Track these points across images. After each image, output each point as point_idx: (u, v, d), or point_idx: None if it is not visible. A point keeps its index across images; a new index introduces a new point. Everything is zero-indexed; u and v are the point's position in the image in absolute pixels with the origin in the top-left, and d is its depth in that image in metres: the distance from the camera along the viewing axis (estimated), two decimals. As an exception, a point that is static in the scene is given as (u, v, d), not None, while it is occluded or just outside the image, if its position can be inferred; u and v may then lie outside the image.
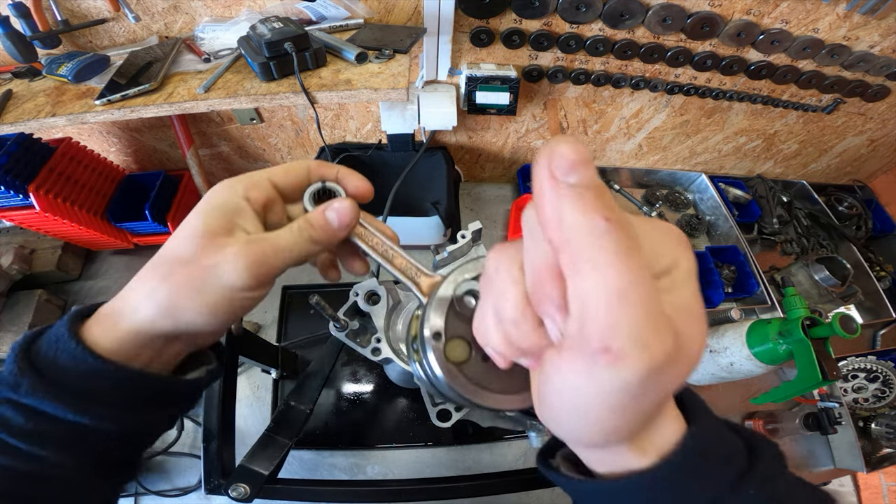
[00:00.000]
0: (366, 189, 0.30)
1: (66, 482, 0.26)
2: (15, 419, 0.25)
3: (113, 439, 0.27)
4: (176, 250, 0.26)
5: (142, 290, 0.26)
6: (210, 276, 0.24)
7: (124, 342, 0.26)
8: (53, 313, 0.90)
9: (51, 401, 0.24)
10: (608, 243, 0.16)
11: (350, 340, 0.44)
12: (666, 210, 1.19)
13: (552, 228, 0.17)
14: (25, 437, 0.25)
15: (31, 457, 0.25)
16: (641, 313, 0.16)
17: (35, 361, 0.25)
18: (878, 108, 0.99)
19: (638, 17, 0.75)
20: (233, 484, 0.40)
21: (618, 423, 0.19)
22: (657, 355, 0.16)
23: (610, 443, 0.21)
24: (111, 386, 0.26)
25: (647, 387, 0.17)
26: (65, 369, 0.25)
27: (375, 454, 0.79)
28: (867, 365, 0.93)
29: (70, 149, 0.84)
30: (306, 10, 0.72)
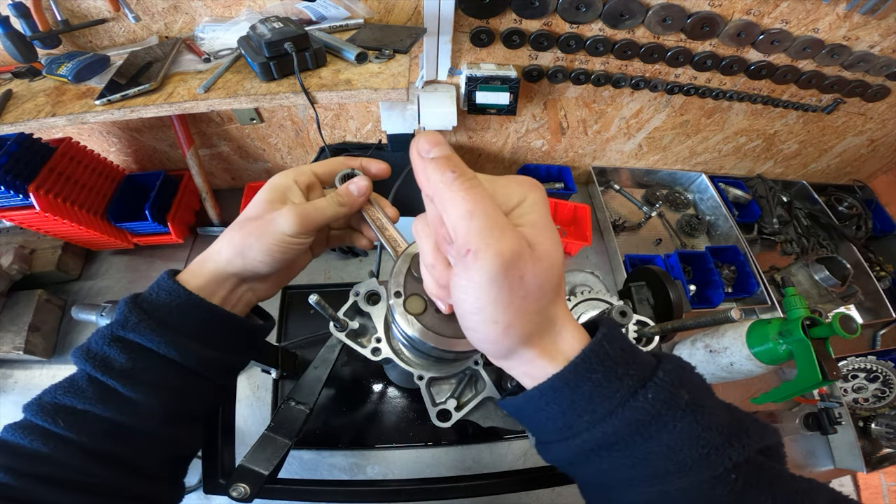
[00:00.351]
0: (384, 168, 0.40)
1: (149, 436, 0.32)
2: (118, 359, 0.32)
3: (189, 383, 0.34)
4: (248, 212, 0.35)
5: (224, 239, 0.35)
6: (270, 226, 0.34)
7: (208, 280, 0.35)
8: (53, 313, 0.90)
9: (149, 333, 0.32)
10: (457, 185, 0.24)
11: (350, 340, 0.44)
12: (666, 210, 1.20)
13: (426, 187, 0.25)
14: (124, 378, 0.31)
15: (126, 401, 0.31)
16: (486, 223, 0.23)
17: (141, 303, 0.33)
18: (878, 108, 0.99)
19: (638, 17, 0.75)
20: (233, 484, 0.40)
21: (508, 316, 0.24)
22: (504, 249, 0.23)
23: (516, 343, 0.26)
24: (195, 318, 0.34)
25: (508, 276, 0.23)
26: (162, 305, 0.33)
27: (375, 454, 0.79)
28: (867, 365, 0.93)
29: (70, 149, 0.84)
30: (306, 10, 0.72)
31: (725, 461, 0.24)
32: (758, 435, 0.25)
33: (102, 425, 0.31)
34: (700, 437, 0.24)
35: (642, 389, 0.25)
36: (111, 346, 0.32)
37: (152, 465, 0.34)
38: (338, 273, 1.00)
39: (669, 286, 0.52)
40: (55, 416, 0.30)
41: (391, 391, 0.83)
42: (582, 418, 0.25)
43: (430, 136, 0.25)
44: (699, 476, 0.24)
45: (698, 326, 0.41)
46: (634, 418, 0.24)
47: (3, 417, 0.82)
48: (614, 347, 0.26)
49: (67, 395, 0.31)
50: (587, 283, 0.61)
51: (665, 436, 0.24)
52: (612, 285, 1.04)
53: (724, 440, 0.24)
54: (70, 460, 0.30)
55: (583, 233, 1.05)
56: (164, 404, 0.33)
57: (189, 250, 1.04)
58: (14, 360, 0.86)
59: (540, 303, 0.25)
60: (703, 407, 0.25)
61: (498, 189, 0.26)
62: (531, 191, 0.27)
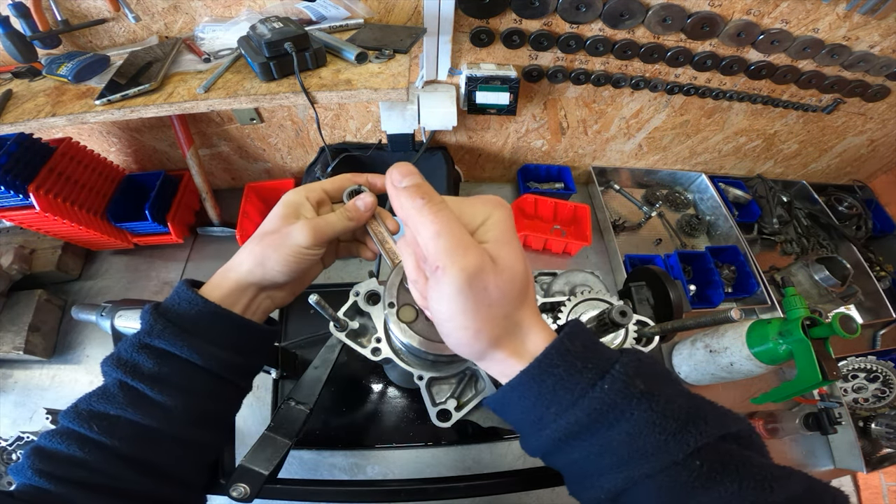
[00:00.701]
0: None
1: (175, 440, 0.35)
2: (146, 364, 0.34)
3: (212, 385, 0.37)
4: (265, 227, 0.38)
5: (244, 251, 0.38)
6: (286, 239, 0.37)
7: (231, 289, 0.37)
8: (53, 313, 0.90)
9: (173, 339, 0.34)
10: (426, 210, 0.27)
11: (350, 340, 0.44)
12: (666, 210, 1.20)
13: (400, 213, 0.29)
14: (153, 382, 0.34)
15: (155, 405, 0.34)
16: (451, 242, 0.27)
17: (164, 312, 0.36)
18: (878, 108, 0.99)
19: (638, 17, 0.75)
20: (233, 484, 0.40)
21: (477, 322, 0.27)
22: (468, 265, 0.26)
23: (486, 346, 0.29)
24: (216, 325, 0.36)
25: (473, 287, 0.26)
26: (184, 314, 0.36)
27: (375, 454, 0.79)
28: (867, 365, 0.93)
29: (70, 149, 0.84)
30: (306, 10, 0.72)
31: (684, 447, 0.25)
32: (717, 422, 0.26)
33: (133, 429, 0.33)
34: (656, 423, 0.26)
35: (600, 381, 0.27)
36: (139, 353, 0.34)
37: (178, 469, 0.36)
38: (338, 273, 1.00)
39: (669, 286, 0.52)
40: (90, 422, 0.33)
41: (391, 391, 0.83)
42: (549, 410, 0.28)
43: (402, 168, 0.29)
44: (660, 462, 0.26)
45: (698, 326, 0.41)
46: (593, 407, 0.27)
47: (3, 417, 0.82)
48: (576, 344, 0.28)
49: (101, 402, 0.34)
50: (587, 282, 0.61)
51: (624, 424, 0.26)
52: (612, 285, 1.04)
53: (681, 426, 0.26)
54: (104, 465, 0.32)
55: (583, 233, 1.05)
56: (189, 407, 0.35)
57: (189, 250, 1.04)
58: (14, 360, 0.86)
59: (505, 309, 0.28)
60: (659, 395, 0.26)
61: (465, 209, 0.30)
62: (495, 209, 0.30)
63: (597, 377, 0.27)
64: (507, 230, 0.29)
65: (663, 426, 0.26)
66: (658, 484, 0.26)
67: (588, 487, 0.29)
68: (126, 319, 0.66)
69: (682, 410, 0.26)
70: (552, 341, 0.28)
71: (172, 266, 1.01)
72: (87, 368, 0.87)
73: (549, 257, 1.07)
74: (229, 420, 0.41)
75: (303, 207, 0.38)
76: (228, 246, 1.02)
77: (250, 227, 1.00)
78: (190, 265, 1.01)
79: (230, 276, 0.38)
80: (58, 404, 0.81)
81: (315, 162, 1.00)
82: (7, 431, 0.79)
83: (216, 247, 1.04)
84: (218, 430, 0.40)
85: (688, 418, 0.26)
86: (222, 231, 1.02)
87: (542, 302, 0.48)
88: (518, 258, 0.29)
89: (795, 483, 0.26)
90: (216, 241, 1.04)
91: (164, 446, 0.34)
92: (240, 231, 0.94)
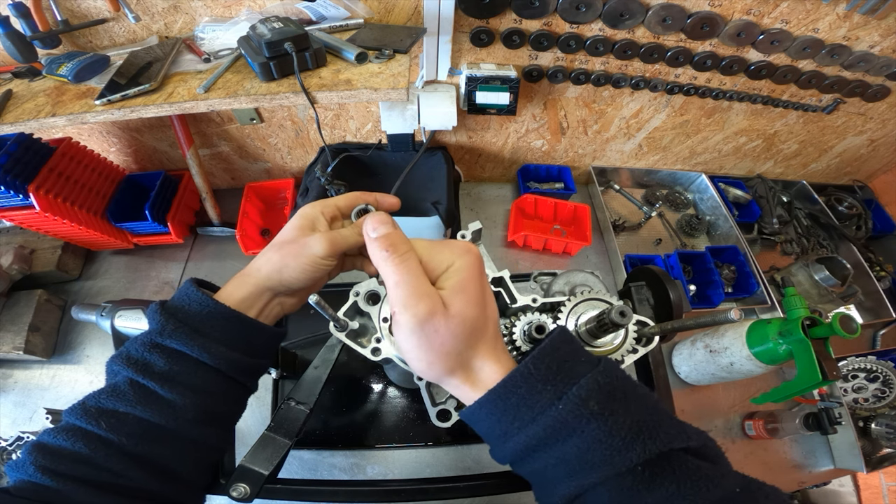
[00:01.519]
0: (394, 203, 0.46)
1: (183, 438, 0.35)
2: (158, 363, 0.35)
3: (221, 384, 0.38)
4: (283, 237, 0.40)
5: (262, 258, 0.40)
6: (304, 248, 0.39)
7: (247, 295, 0.39)
8: (53, 313, 0.90)
9: (185, 339, 0.35)
10: (389, 260, 0.33)
11: (350, 340, 0.44)
12: (666, 210, 1.20)
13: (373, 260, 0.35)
14: (163, 381, 0.35)
15: (165, 403, 0.34)
16: (407, 292, 0.32)
17: (175, 313, 0.37)
18: (878, 108, 0.99)
19: (638, 17, 0.75)
20: (233, 484, 0.40)
21: (430, 357, 0.33)
22: (419, 312, 0.31)
23: (441, 375, 0.34)
24: (229, 326, 0.37)
25: (425, 330, 0.32)
26: (195, 314, 0.37)
27: (375, 454, 0.79)
28: (867, 365, 0.93)
29: (70, 149, 0.84)
30: (306, 10, 0.72)
31: (627, 461, 0.29)
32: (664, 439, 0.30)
33: (142, 427, 0.34)
34: (603, 441, 0.29)
35: (557, 402, 0.31)
36: (151, 352, 0.35)
37: (183, 468, 0.36)
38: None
39: (669, 286, 0.52)
40: (98, 419, 0.33)
41: (391, 391, 0.83)
42: (513, 424, 0.32)
43: (376, 218, 0.36)
44: (607, 473, 0.29)
45: (698, 326, 0.40)
46: (548, 424, 0.31)
47: (3, 417, 0.82)
48: (540, 368, 0.32)
49: (110, 399, 0.34)
50: (587, 283, 0.61)
51: (576, 439, 0.30)
52: (612, 285, 1.04)
53: (626, 443, 0.29)
54: (110, 462, 0.32)
55: (583, 233, 1.05)
56: (198, 406, 0.36)
57: (189, 250, 1.04)
58: (14, 360, 0.86)
59: (457, 348, 0.33)
60: (610, 415, 0.30)
61: (433, 255, 0.35)
62: (460, 257, 0.34)
63: (555, 398, 0.31)
64: (466, 278, 0.34)
65: (610, 443, 0.29)
66: (607, 489, 0.30)
67: (549, 493, 0.33)
68: (126, 319, 0.66)
69: (631, 429, 0.30)
70: (515, 368, 0.33)
71: (172, 266, 1.01)
72: (87, 368, 0.87)
73: (550, 257, 1.07)
74: (235, 420, 0.42)
75: (318, 221, 0.41)
76: (228, 246, 1.02)
77: (250, 227, 1.00)
78: (190, 265, 1.01)
79: (248, 281, 0.39)
80: (58, 404, 0.81)
81: (315, 162, 1.00)
82: (7, 431, 0.79)
83: (216, 247, 1.04)
84: (223, 429, 0.40)
85: (636, 435, 0.29)
86: (222, 231, 1.02)
87: (542, 302, 0.48)
88: (470, 305, 0.33)
89: (730, 482, 0.29)
90: (216, 240, 1.04)
91: (171, 445, 0.35)
92: (240, 231, 0.94)
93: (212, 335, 0.37)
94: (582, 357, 0.33)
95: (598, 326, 0.43)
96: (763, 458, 0.88)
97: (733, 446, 0.88)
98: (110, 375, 0.37)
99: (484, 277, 0.36)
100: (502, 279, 0.48)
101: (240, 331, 0.39)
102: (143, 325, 0.65)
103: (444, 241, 0.36)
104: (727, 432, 0.90)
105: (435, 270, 0.34)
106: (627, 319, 0.38)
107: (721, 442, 0.87)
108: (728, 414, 0.91)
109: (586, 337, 0.45)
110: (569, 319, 0.46)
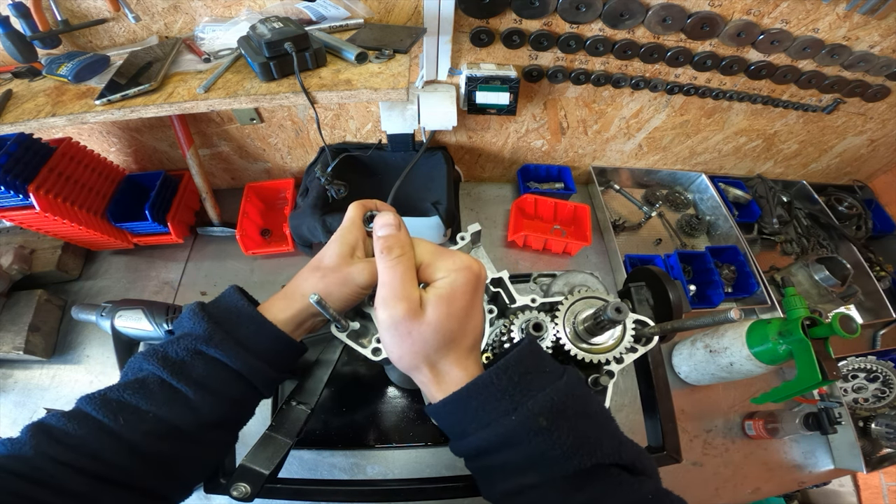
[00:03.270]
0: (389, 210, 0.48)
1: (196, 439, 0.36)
2: (197, 369, 0.36)
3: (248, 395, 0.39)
4: (326, 263, 0.41)
5: (307, 283, 0.41)
6: (349, 278, 0.40)
7: (292, 317, 0.40)
8: (53, 313, 0.90)
9: (229, 352, 0.37)
10: (383, 260, 0.36)
11: (351, 341, 0.44)
12: (666, 210, 1.20)
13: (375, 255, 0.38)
14: (197, 386, 0.35)
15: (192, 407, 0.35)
16: (389, 293, 0.35)
17: (222, 323, 0.38)
18: (878, 108, 0.99)
19: (638, 17, 0.75)
20: (233, 483, 0.40)
21: (400, 352, 0.36)
22: (394, 314, 0.35)
23: (408, 369, 0.38)
24: (269, 344, 0.39)
25: (398, 330, 0.35)
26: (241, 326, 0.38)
27: (375, 454, 0.79)
28: (867, 365, 0.93)
29: (70, 149, 0.84)
30: (306, 10, 0.72)
31: (563, 470, 0.33)
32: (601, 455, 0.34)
33: (160, 427, 0.34)
34: (546, 454, 0.33)
35: (512, 413, 0.34)
36: (193, 358, 0.36)
37: (188, 467, 0.37)
38: (338, 273, 0.99)
39: (669, 286, 0.52)
40: (118, 414, 0.33)
41: (391, 391, 0.83)
42: (471, 426, 0.35)
43: (382, 218, 0.38)
44: (544, 478, 0.34)
45: (698, 326, 0.41)
46: (500, 432, 0.34)
47: (3, 417, 0.82)
48: (502, 379, 0.35)
49: (136, 395, 0.34)
50: (587, 283, 0.61)
51: (522, 448, 0.34)
52: (612, 285, 1.04)
53: (566, 456, 0.33)
54: (116, 457, 0.32)
55: (583, 233, 1.05)
56: (218, 410, 0.37)
57: (189, 250, 1.04)
58: (14, 360, 0.86)
59: (425, 351, 0.36)
60: (556, 431, 0.33)
61: (434, 261, 0.37)
62: (456, 271, 0.36)
63: (511, 409, 0.34)
64: (454, 292, 0.36)
65: (551, 455, 0.33)
66: (542, 490, 0.34)
67: (490, 488, 0.38)
68: (126, 319, 0.66)
69: (572, 445, 0.33)
70: (479, 376, 0.36)
71: (172, 266, 1.01)
72: (87, 368, 0.87)
73: (550, 257, 1.07)
74: (244, 424, 0.43)
75: (358, 247, 0.42)
76: (228, 246, 1.02)
77: (250, 227, 1.00)
78: (190, 265, 1.01)
79: (294, 306, 0.40)
80: (58, 404, 0.82)
81: (315, 162, 1.00)
82: (7, 431, 0.79)
83: (216, 247, 1.04)
84: (233, 432, 0.41)
85: (575, 451, 0.33)
86: (222, 231, 1.02)
87: (541, 302, 0.48)
88: (450, 318, 0.35)
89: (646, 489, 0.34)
90: (216, 240, 1.04)
91: (182, 445, 0.35)
92: (240, 231, 0.94)
93: (255, 351, 0.38)
94: (546, 368, 0.36)
95: (595, 324, 0.43)
96: (763, 457, 0.88)
97: (733, 446, 0.88)
98: (136, 371, 0.37)
99: (477, 295, 0.37)
100: (501, 280, 0.49)
101: (281, 350, 0.40)
102: (143, 324, 0.65)
103: (452, 252, 0.38)
104: (727, 432, 0.90)
105: (431, 276, 0.37)
106: (623, 315, 0.38)
107: (721, 442, 0.88)
108: (728, 414, 0.91)
109: (584, 335, 0.45)
110: (566, 318, 0.46)
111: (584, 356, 0.44)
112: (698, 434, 0.88)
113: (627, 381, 0.90)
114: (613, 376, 0.46)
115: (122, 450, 0.32)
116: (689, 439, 0.87)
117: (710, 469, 0.85)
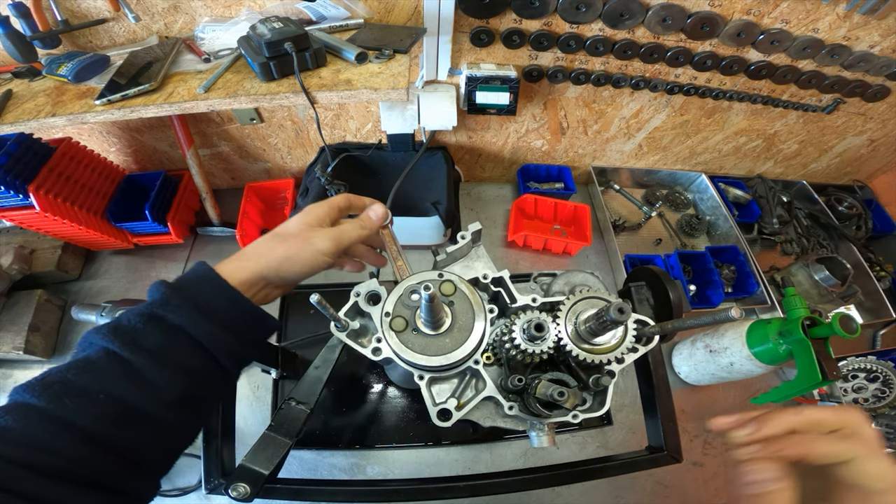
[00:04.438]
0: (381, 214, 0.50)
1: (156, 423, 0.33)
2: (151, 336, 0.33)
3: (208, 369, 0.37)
4: (287, 229, 0.42)
5: (264, 246, 0.41)
6: (309, 243, 0.41)
7: (245, 280, 0.39)
8: (53, 313, 0.90)
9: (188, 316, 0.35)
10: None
11: (351, 340, 0.44)
12: (666, 210, 1.20)
13: None
14: (151, 358, 0.32)
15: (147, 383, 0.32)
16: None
17: (182, 289, 0.36)
18: (878, 108, 0.99)
19: (638, 17, 0.75)
20: (233, 483, 0.40)
21: None
22: None
23: None
24: (231, 310, 0.37)
25: None
26: (202, 293, 0.36)
27: (375, 454, 0.79)
28: (867, 365, 0.93)
29: (70, 149, 0.84)
30: (306, 10, 0.72)
31: None
32: None
33: (114, 408, 0.30)
34: None
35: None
36: (147, 324, 0.33)
37: (150, 455, 0.33)
38: (338, 273, 0.99)
39: (669, 286, 0.52)
40: (62, 397, 0.29)
41: (391, 391, 0.83)
42: None
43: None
44: None
45: (698, 326, 0.41)
46: None
47: (3, 417, 0.82)
48: None
49: (82, 374, 0.30)
50: (587, 283, 0.61)
51: None
52: (612, 285, 1.04)
53: None
54: (69, 449, 0.28)
55: (583, 233, 1.05)
56: (180, 388, 0.34)
57: (189, 250, 1.04)
58: (14, 360, 0.86)
59: None
60: None
61: None
62: None
63: None
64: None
65: None
66: None
67: None
68: (126, 319, 0.65)
69: None
70: None
71: (172, 266, 1.01)
72: (87, 368, 0.87)
73: (550, 257, 1.07)
74: (212, 409, 0.42)
75: (323, 220, 0.43)
76: (228, 246, 1.02)
77: (250, 227, 1.00)
78: (190, 265, 1.01)
79: (248, 266, 0.39)
80: (58, 404, 0.81)
81: (315, 162, 1.00)
82: (7, 431, 0.79)
83: (216, 247, 1.04)
84: (198, 416, 0.39)
85: None
86: (222, 231, 1.02)
87: (542, 302, 0.48)
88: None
89: None
90: (216, 241, 1.04)
91: (141, 429, 0.32)
92: (240, 231, 0.94)
93: (215, 316, 0.36)
94: None
95: (597, 324, 0.43)
96: (763, 458, 0.88)
97: (733, 446, 0.88)
98: (85, 347, 0.33)
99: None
100: (502, 279, 0.49)
101: (243, 318, 0.38)
102: (143, 325, 0.65)
103: None
104: (727, 432, 0.90)
105: None
106: (626, 316, 0.38)
107: (721, 442, 0.88)
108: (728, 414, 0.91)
109: (586, 335, 0.45)
110: (568, 318, 0.46)
111: (585, 356, 0.44)
112: (698, 434, 0.88)
113: (627, 381, 0.90)
114: (614, 376, 0.46)
115: (76, 439, 0.28)
116: (690, 439, 0.87)
117: (710, 469, 0.85)
